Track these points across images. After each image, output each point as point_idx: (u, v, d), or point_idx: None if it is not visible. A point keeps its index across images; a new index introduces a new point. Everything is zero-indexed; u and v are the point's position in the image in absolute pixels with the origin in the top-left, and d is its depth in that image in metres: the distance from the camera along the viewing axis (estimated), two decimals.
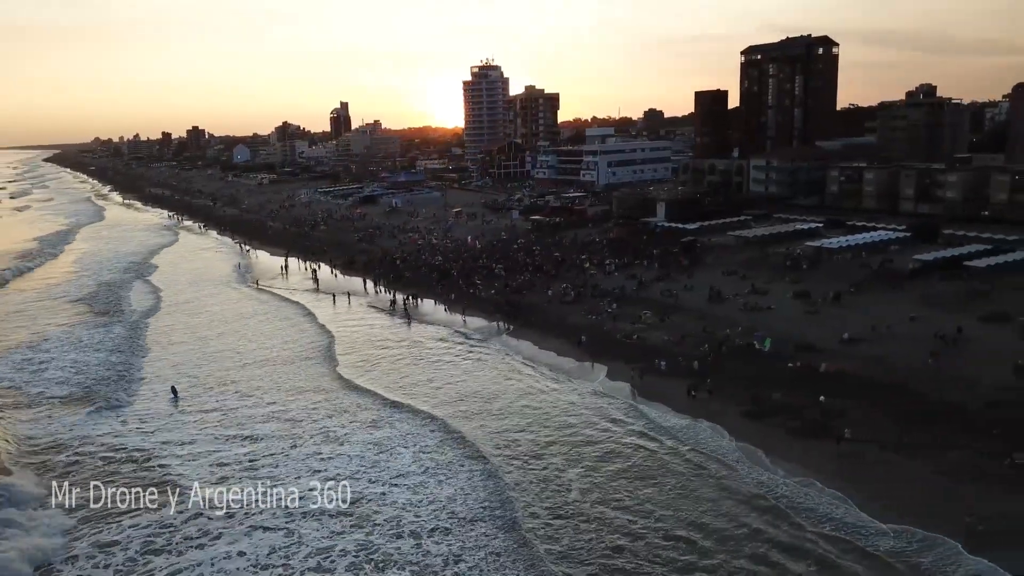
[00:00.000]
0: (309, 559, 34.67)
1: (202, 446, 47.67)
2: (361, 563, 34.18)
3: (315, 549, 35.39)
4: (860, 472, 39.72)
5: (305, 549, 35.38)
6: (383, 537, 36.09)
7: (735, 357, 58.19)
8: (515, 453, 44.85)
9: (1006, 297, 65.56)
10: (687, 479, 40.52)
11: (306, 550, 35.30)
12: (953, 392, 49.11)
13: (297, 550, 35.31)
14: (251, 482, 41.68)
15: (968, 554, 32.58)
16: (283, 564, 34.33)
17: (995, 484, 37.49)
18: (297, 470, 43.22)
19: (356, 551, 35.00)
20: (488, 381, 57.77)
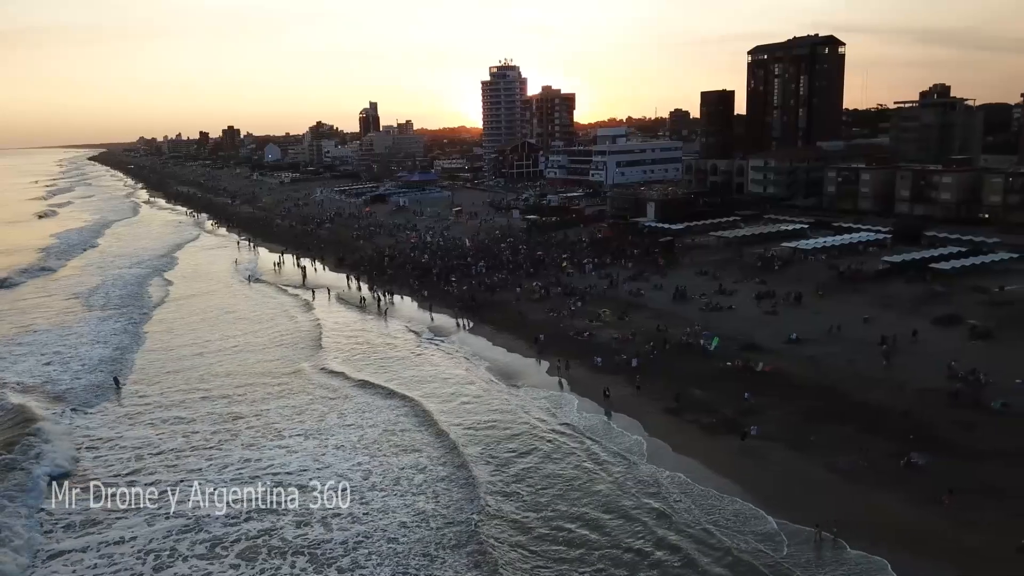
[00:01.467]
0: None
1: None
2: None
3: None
4: (755, 468, 40.37)
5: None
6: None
7: (677, 355, 58.88)
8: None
9: (963, 299, 65.05)
10: (586, 471, 41.47)
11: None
12: (879, 393, 49.32)
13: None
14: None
15: (848, 547, 33.13)
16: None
17: (882, 483, 37.84)
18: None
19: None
20: (425, 375, 59.22)
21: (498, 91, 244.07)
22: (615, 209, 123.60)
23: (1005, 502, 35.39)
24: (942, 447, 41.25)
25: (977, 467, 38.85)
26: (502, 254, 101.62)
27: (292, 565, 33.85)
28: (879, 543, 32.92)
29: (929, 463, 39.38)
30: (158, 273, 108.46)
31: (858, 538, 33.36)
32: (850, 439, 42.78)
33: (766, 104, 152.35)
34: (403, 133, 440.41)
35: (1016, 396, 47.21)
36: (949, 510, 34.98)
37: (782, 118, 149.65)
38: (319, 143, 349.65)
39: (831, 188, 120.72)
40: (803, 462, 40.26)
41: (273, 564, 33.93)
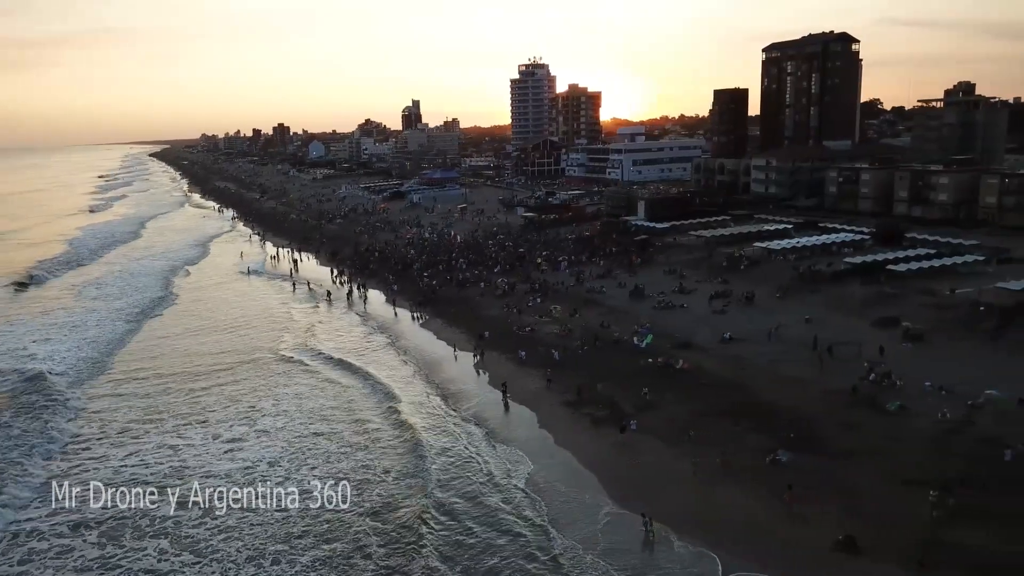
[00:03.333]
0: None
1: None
2: None
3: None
4: (620, 461, 41.19)
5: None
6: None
7: (605, 351, 59.71)
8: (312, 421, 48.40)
9: (909, 301, 64.06)
10: (461, 458, 42.90)
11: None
12: (784, 392, 49.50)
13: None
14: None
15: (677, 535, 33.96)
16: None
17: (738, 479, 38.26)
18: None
19: None
20: (356, 365, 61.09)
21: (526, 89, 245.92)
22: (609, 207, 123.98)
23: (844, 500, 35.59)
24: (816, 446, 41.41)
25: (837, 465, 39.02)
26: (487, 250, 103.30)
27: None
28: (709, 536, 33.49)
29: (792, 461, 39.69)
30: (174, 266, 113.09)
31: (690, 531, 34.03)
32: (730, 436, 43.18)
33: (779, 103, 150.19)
34: (449, 130, 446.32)
35: (917, 398, 46.91)
36: (788, 506, 35.39)
37: (794, 117, 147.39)
38: (359, 141, 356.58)
39: (832, 188, 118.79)
40: (670, 456, 40.90)
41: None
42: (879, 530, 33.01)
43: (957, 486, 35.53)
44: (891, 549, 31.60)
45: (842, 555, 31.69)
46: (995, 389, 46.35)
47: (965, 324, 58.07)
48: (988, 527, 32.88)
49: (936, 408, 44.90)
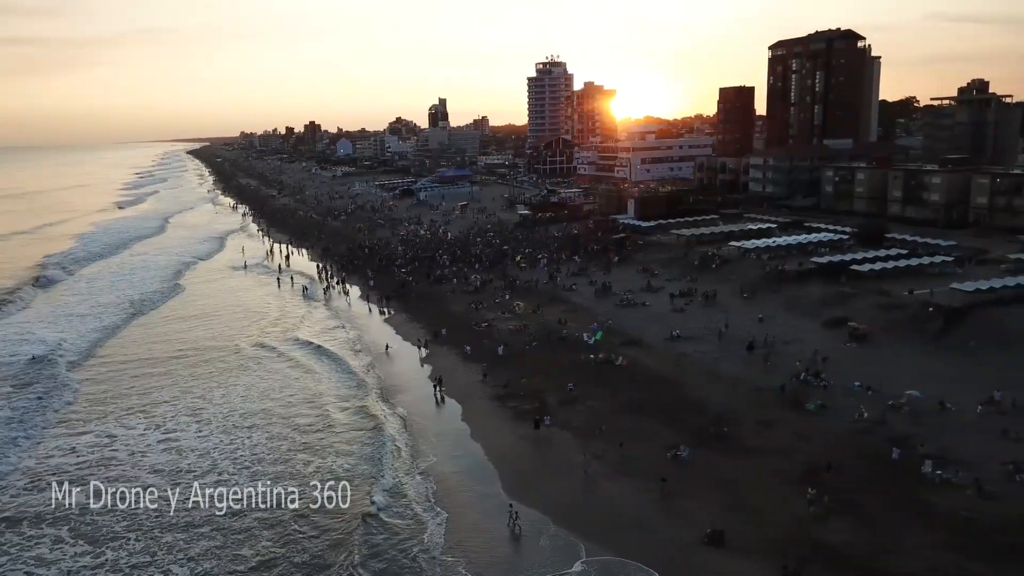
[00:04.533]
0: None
1: None
2: None
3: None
4: (525, 455, 42.19)
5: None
6: None
7: (552, 347, 60.48)
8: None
9: (864, 302, 63.57)
10: (373, 450, 43.94)
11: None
12: (713, 390, 49.98)
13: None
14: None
15: (554, 525, 34.74)
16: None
17: (633, 472, 38.89)
18: None
19: None
20: (312, 355, 63.22)
21: (543, 87, 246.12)
22: (602, 206, 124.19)
23: (729, 495, 36.06)
24: (724, 443, 41.89)
25: (737, 462, 39.45)
26: (473, 248, 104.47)
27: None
28: (583, 526, 34.12)
29: (693, 457, 40.18)
30: (184, 261, 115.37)
31: (568, 521, 34.68)
32: (643, 431, 43.86)
33: (784, 101, 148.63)
34: (479, 128, 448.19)
35: (842, 398, 47.03)
36: (664, 500, 36.00)
37: (799, 115, 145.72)
38: (382, 139, 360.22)
39: (829, 188, 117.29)
40: (575, 450, 41.52)
41: None
42: (751, 526, 33.52)
43: (826, 483, 35.91)
44: (757, 544, 32.05)
45: (709, 548, 32.22)
46: (917, 390, 46.25)
47: (913, 325, 57.64)
48: (854, 524, 33.17)
49: (856, 408, 45.01)
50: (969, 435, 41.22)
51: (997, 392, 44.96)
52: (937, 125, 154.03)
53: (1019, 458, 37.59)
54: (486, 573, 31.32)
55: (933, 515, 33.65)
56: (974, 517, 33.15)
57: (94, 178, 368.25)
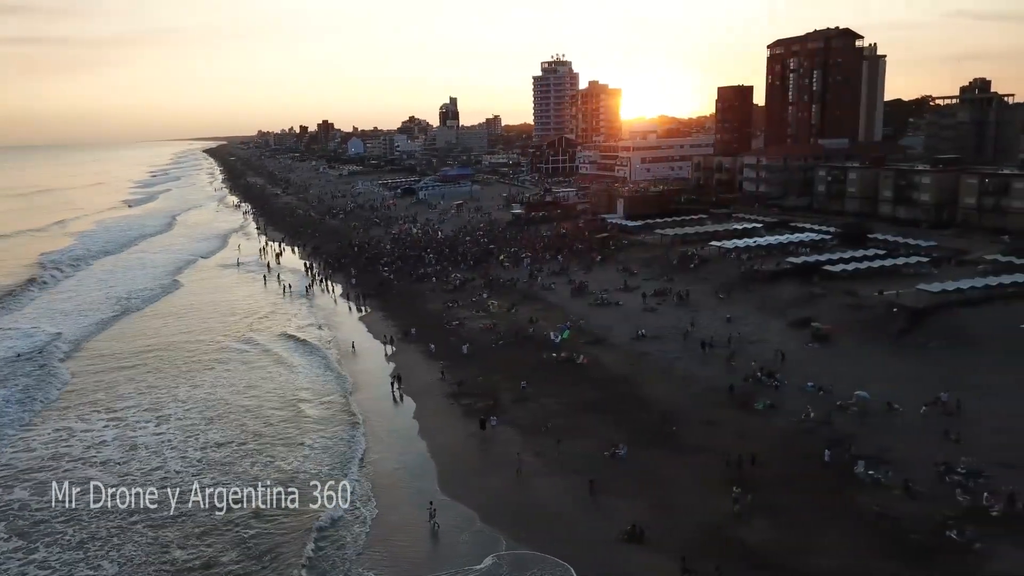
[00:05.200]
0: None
1: None
2: None
3: None
4: (465, 453, 42.70)
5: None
6: None
7: (517, 346, 60.91)
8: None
9: (831, 301, 63.43)
10: (321, 446, 44.62)
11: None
12: (667, 389, 50.33)
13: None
14: None
15: (480, 522, 35.22)
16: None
17: (567, 470, 39.24)
18: None
19: None
20: (280, 349, 64.67)
21: (547, 86, 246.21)
22: (593, 205, 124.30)
23: (659, 493, 36.42)
24: (666, 441, 42.30)
25: (674, 460, 39.77)
26: (460, 246, 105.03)
27: None
28: (509, 523, 34.51)
29: (630, 455, 40.49)
30: (184, 257, 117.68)
31: (495, 518, 35.08)
32: (587, 429, 44.29)
33: (783, 100, 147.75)
34: (491, 127, 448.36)
35: (793, 398, 47.14)
36: (593, 497, 36.35)
37: (797, 114, 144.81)
38: (390, 138, 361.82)
39: (821, 188, 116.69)
40: (515, 448, 41.86)
41: None
42: (673, 523, 33.78)
43: (751, 482, 36.22)
44: (673, 541, 32.31)
45: (627, 544, 32.55)
46: (867, 391, 46.26)
47: (876, 325, 57.49)
48: (777, 523, 33.37)
49: (804, 408, 45.09)
50: (910, 436, 41.25)
51: (944, 393, 44.87)
52: (939, 124, 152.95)
53: (954, 459, 37.59)
54: (397, 569, 31.76)
55: (857, 515, 33.78)
56: (896, 517, 33.27)
57: (110, 176, 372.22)
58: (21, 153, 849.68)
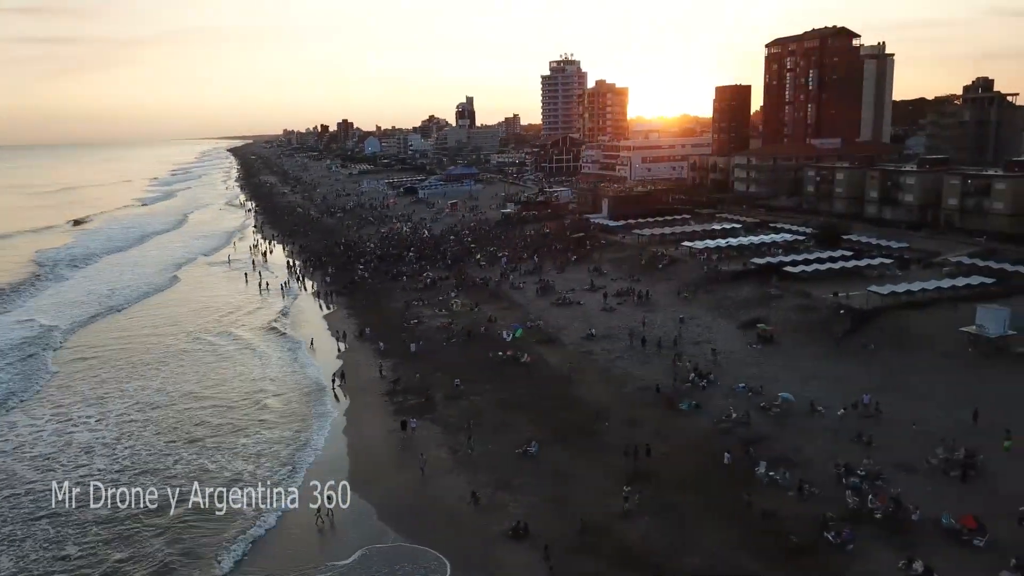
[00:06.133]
0: None
1: None
2: None
3: None
4: (382, 450, 43.44)
5: None
6: None
7: (468, 345, 61.60)
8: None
9: (784, 303, 63.25)
10: (243, 442, 45.65)
11: None
12: (600, 388, 50.80)
13: None
14: None
15: (377, 519, 35.93)
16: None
17: (475, 467, 39.90)
18: None
19: None
20: (235, 341, 67.12)
21: (555, 85, 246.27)
22: (580, 205, 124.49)
23: (558, 490, 36.87)
24: (582, 439, 42.77)
25: (583, 459, 40.19)
26: (443, 245, 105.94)
27: None
28: (405, 518, 35.26)
29: (542, 452, 41.04)
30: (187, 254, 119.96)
31: (392, 514, 35.68)
32: (509, 426, 44.89)
33: (780, 99, 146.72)
34: (511, 126, 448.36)
35: (720, 399, 47.33)
36: (492, 493, 36.93)
37: (794, 114, 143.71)
38: (404, 137, 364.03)
39: (810, 188, 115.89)
40: (433, 445, 42.66)
41: None
42: (561, 520, 34.17)
43: (642, 482, 36.77)
44: (553, 536, 32.76)
45: (510, 540, 33.09)
46: (791, 392, 46.35)
47: (822, 327, 57.35)
48: (664, 522, 33.70)
49: (727, 409, 45.29)
50: (824, 437, 41.32)
51: (866, 395, 44.80)
52: (941, 124, 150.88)
53: (857, 461, 37.62)
54: (275, 562, 32.63)
55: (746, 515, 33.96)
56: (782, 517, 33.42)
57: (135, 174, 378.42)
58: (54, 152, 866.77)
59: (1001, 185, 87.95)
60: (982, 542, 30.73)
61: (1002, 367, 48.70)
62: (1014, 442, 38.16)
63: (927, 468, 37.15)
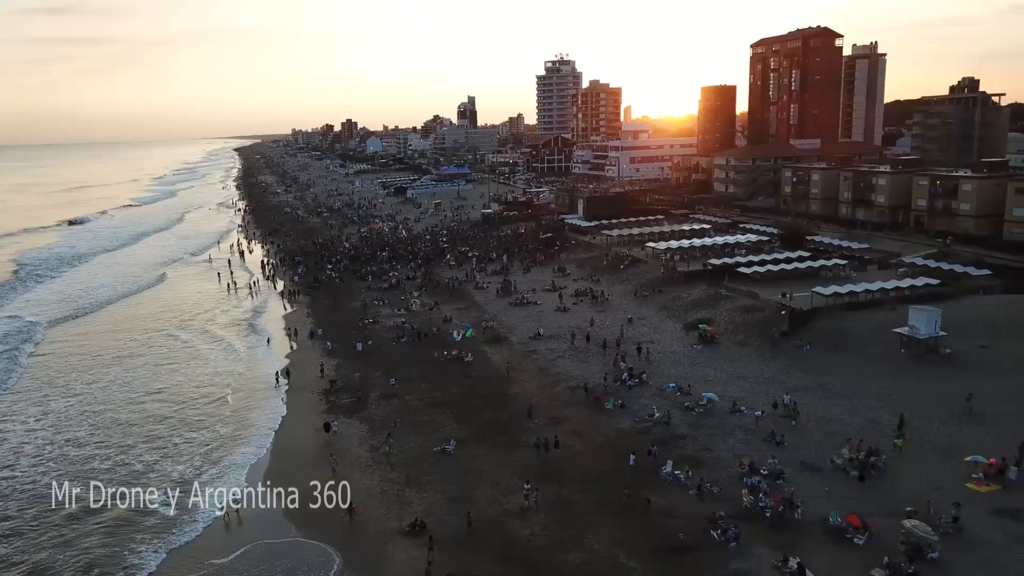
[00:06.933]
0: None
1: None
2: None
3: None
4: (308, 446, 43.87)
5: None
6: None
7: (416, 344, 62.25)
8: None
9: (730, 304, 63.63)
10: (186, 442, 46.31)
11: None
12: (532, 387, 51.43)
13: None
14: None
15: (283, 517, 36.38)
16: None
17: (385, 466, 40.48)
18: None
19: None
20: (198, 335, 68.73)
21: (551, 85, 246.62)
22: (558, 205, 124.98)
23: (466, 487, 37.41)
24: (501, 437, 43.31)
25: (496, 457, 40.76)
26: (417, 245, 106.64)
27: None
28: (307, 515, 35.48)
29: (457, 451, 41.63)
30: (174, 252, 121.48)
31: (297, 511, 36.15)
32: (433, 425, 45.50)
33: (764, 99, 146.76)
34: (515, 126, 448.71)
35: (648, 398, 47.84)
36: (401, 490, 37.56)
37: (777, 114, 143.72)
38: (404, 137, 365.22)
39: (787, 189, 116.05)
40: (354, 443, 43.33)
41: None
42: (458, 517, 34.67)
43: (554, 477, 37.35)
44: (447, 534, 33.34)
45: (406, 537, 33.66)
46: (718, 392, 46.81)
47: (763, 328, 57.68)
48: (557, 519, 34.20)
49: (651, 408, 45.79)
50: (737, 437, 41.79)
51: (786, 395, 45.22)
52: (927, 124, 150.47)
53: (762, 461, 38.05)
54: (170, 557, 33.42)
55: (643, 513, 34.42)
56: (677, 516, 33.93)
57: (144, 173, 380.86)
58: (77, 150, 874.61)
59: (967, 186, 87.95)
60: (863, 541, 31.16)
61: (929, 368, 49.05)
62: (906, 441, 38.82)
63: (830, 468, 37.57)
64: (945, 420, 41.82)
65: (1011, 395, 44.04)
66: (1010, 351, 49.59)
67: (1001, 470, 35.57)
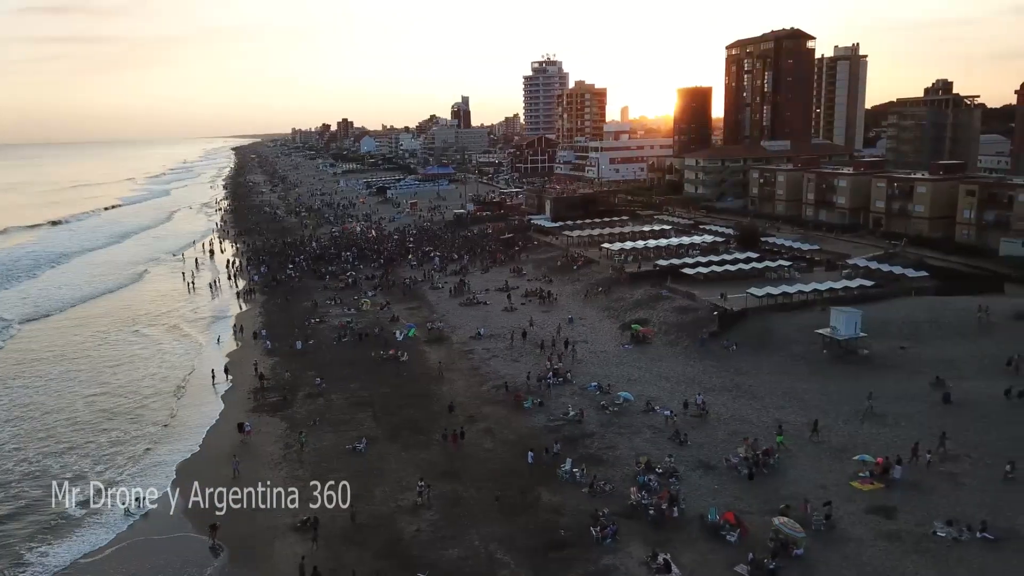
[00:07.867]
0: None
1: None
2: None
3: None
4: (225, 444, 44.53)
5: None
6: None
7: (357, 344, 62.87)
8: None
9: (669, 304, 64.30)
10: (114, 443, 47.01)
11: None
12: (458, 386, 52.12)
13: None
14: None
15: (181, 515, 37.07)
16: None
17: (301, 464, 41.16)
18: None
19: None
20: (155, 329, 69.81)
21: (537, 86, 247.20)
22: (529, 206, 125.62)
23: (360, 485, 37.76)
24: (417, 435, 43.95)
25: (403, 454, 41.50)
26: (383, 245, 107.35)
27: None
28: (204, 513, 36.13)
29: (370, 448, 42.33)
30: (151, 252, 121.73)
31: (192, 508, 36.60)
32: (354, 424, 46.20)
33: (738, 101, 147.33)
34: (511, 126, 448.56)
35: (568, 397, 48.49)
36: (304, 487, 38.14)
37: (751, 116, 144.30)
38: (396, 136, 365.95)
39: (755, 190, 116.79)
40: (269, 440, 44.02)
41: None
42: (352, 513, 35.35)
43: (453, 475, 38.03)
44: (340, 531, 33.98)
45: (296, 533, 34.31)
46: (638, 391, 47.50)
47: (694, 328, 58.28)
48: (446, 516, 34.88)
49: (566, 407, 46.43)
50: (644, 436, 42.39)
51: (699, 395, 45.84)
52: (901, 126, 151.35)
53: (659, 459, 38.71)
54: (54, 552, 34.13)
55: (534, 510, 35.07)
56: (564, 513, 34.57)
57: (141, 172, 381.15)
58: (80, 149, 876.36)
59: (922, 188, 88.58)
60: (734, 538, 31.80)
61: (847, 368, 49.69)
62: (787, 437, 39.85)
63: (724, 467, 38.23)
64: (848, 420, 42.47)
65: (916, 395, 44.69)
66: (927, 352, 50.22)
67: (886, 469, 36.20)
